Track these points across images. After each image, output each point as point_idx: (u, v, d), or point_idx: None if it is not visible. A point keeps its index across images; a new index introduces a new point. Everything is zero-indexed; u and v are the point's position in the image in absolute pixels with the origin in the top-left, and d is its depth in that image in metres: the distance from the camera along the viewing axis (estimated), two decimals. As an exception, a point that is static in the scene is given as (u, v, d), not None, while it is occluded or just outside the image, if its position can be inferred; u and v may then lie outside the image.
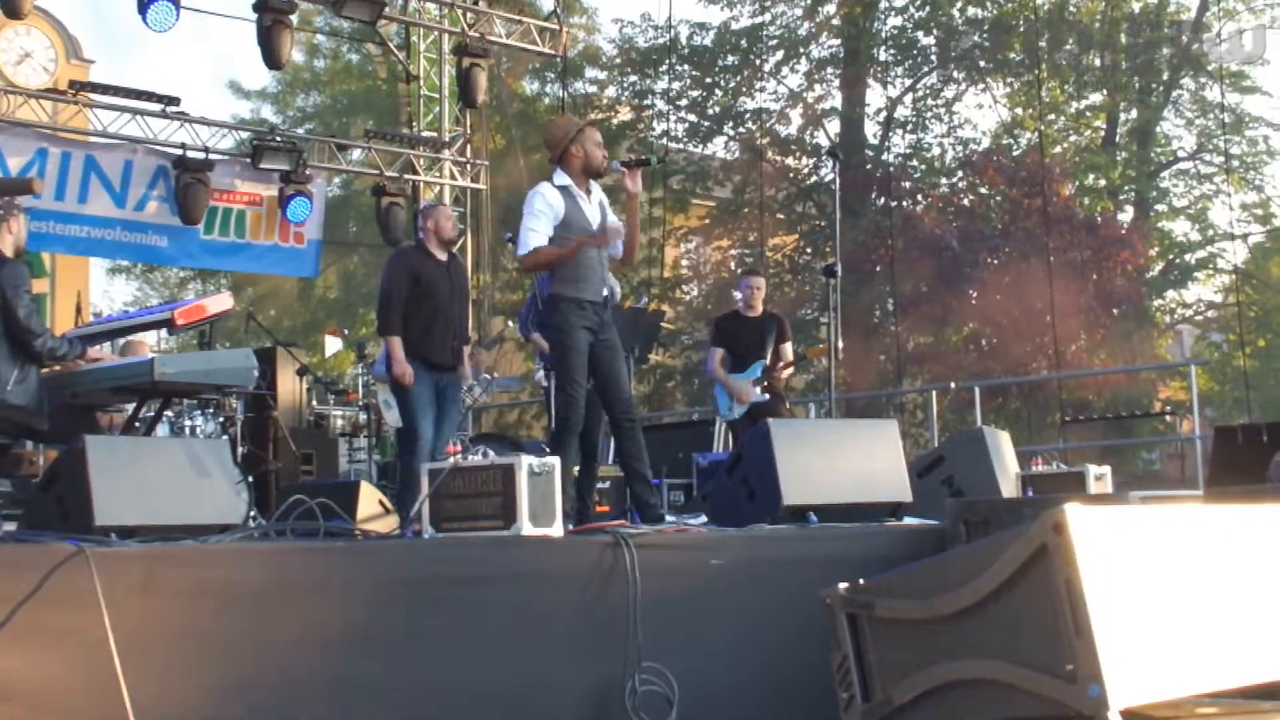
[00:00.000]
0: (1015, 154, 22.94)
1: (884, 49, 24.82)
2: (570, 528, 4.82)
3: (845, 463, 5.53)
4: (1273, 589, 3.63)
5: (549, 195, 6.16)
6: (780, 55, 25.04)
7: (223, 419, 8.57)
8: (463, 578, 4.13)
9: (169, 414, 7.78)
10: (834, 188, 7.77)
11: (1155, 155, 24.10)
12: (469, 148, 14.45)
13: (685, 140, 25.56)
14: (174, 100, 11.72)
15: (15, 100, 11.39)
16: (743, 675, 4.56)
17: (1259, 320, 23.71)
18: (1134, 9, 23.37)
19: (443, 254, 7.52)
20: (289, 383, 10.97)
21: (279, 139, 12.60)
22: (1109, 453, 16.93)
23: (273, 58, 11.70)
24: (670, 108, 24.92)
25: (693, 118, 25.49)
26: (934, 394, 14.01)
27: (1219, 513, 3.86)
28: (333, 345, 15.13)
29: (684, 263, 26.48)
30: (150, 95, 11.70)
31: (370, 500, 6.45)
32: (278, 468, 9.64)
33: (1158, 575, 3.37)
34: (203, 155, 11.69)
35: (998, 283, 20.98)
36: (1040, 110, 22.66)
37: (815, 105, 25.18)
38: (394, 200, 13.24)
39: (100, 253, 13.17)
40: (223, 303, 6.99)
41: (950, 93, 24.69)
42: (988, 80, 24.26)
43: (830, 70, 25.03)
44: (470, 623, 4.08)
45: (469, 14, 13.51)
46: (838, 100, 25.11)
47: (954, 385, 13.67)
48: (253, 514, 4.74)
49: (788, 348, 8.85)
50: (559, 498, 4.52)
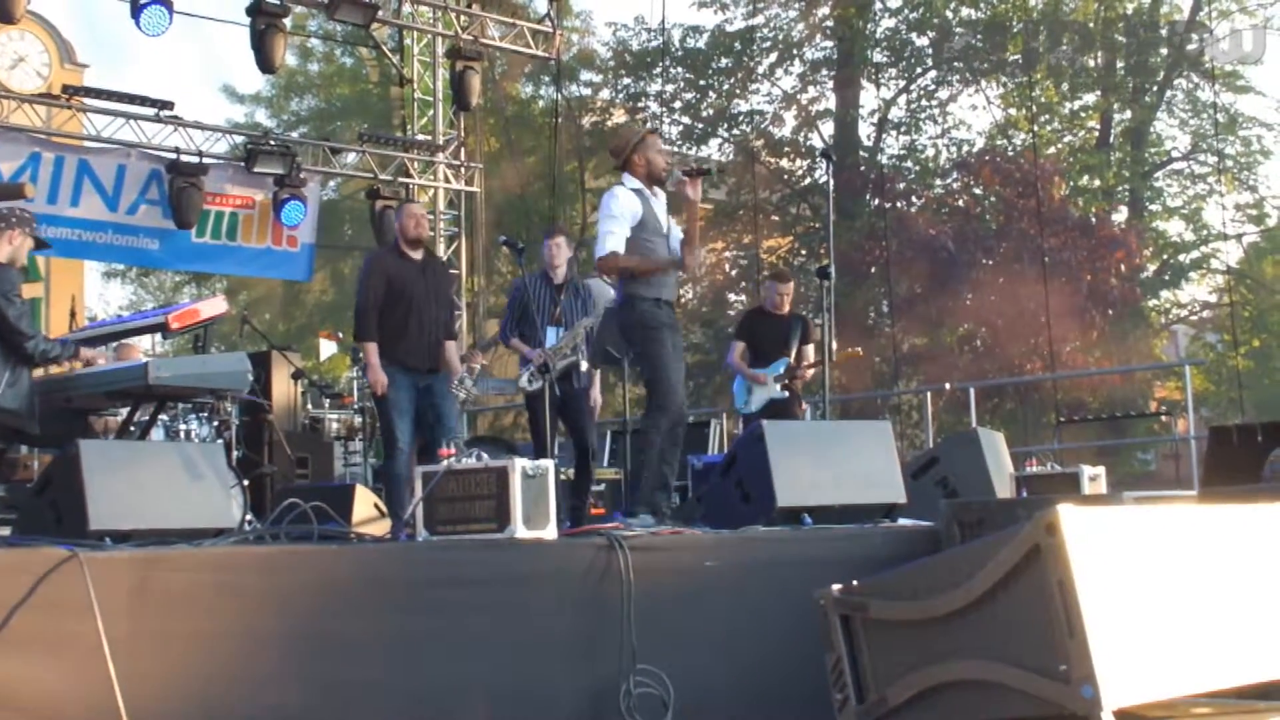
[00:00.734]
0: (1010, 154, 22.96)
1: (878, 50, 24.83)
2: (564, 530, 4.82)
3: (840, 464, 5.53)
4: (1267, 588, 3.63)
5: (624, 197, 6.24)
6: (774, 57, 25.07)
7: (217, 423, 8.55)
8: (457, 580, 4.13)
9: (164, 418, 7.76)
10: (828, 189, 7.78)
11: (1149, 155, 24.12)
12: (463, 151, 14.45)
13: (679, 143, 25.57)
14: (167, 104, 11.72)
15: (9, 105, 11.39)
16: (737, 676, 4.56)
17: (1253, 320, 23.74)
18: (1128, 10, 23.40)
19: (417, 253, 7.50)
20: (284, 386, 10.98)
21: (273, 143, 12.60)
22: (1104, 453, 16.93)
23: (266, 62, 11.71)
24: (664, 110, 24.93)
25: (687, 120, 25.51)
26: (929, 395, 14.02)
27: (1213, 513, 3.86)
28: (327, 349, 15.14)
29: (679, 265, 26.44)
30: (144, 100, 11.69)
31: (365, 503, 6.45)
32: (272, 471, 9.64)
33: (1152, 575, 3.38)
34: (196, 159, 11.69)
35: (992, 284, 21.00)
36: (1034, 111, 22.68)
37: (809, 107, 25.21)
38: (388, 204, 13.23)
39: (92, 255, 13.17)
40: (217, 307, 6.99)
41: (944, 94, 24.72)
42: (981, 81, 24.27)
43: (824, 72, 25.06)
44: (464, 625, 4.08)
45: (462, 17, 13.52)
46: (831, 102, 25.14)
47: (949, 386, 13.66)
48: (247, 518, 4.74)
49: (810, 349, 8.85)
50: (553, 500, 4.52)
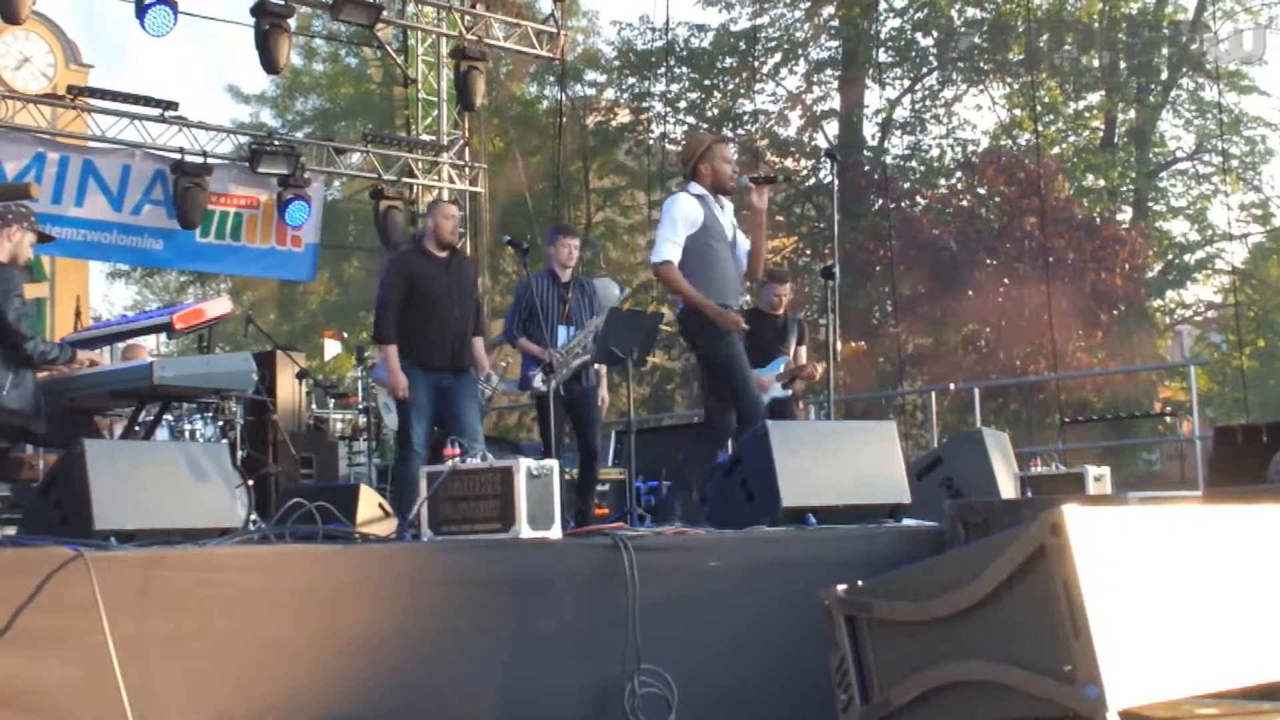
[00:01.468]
0: (1015, 154, 22.96)
1: (882, 50, 24.83)
2: (568, 530, 4.82)
3: (844, 464, 5.52)
4: (1272, 589, 3.63)
5: (686, 204, 6.29)
6: (778, 57, 25.09)
7: (222, 423, 8.55)
8: (461, 581, 4.13)
9: (168, 418, 7.77)
10: (833, 189, 7.77)
11: (1153, 156, 24.11)
12: (467, 151, 14.45)
13: (683, 143, 25.55)
14: (172, 105, 11.73)
15: (14, 105, 11.40)
16: (742, 677, 4.56)
17: (1258, 320, 23.74)
18: (1132, 9, 23.39)
19: (443, 253, 7.46)
20: (288, 386, 10.97)
21: (277, 143, 12.61)
22: (1109, 454, 16.93)
23: (271, 62, 11.71)
24: (669, 110, 24.95)
25: (691, 120, 25.52)
26: (933, 395, 14.02)
27: (1218, 513, 3.86)
28: (332, 349, 15.15)
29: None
30: (148, 100, 11.70)
31: (370, 503, 6.44)
32: (277, 471, 9.63)
33: (1156, 576, 3.37)
34: (201, 159, 11.70)
35: (997, 284, 21.01)
36: (1038, 111, 22.67)
37: (813, 107, 25.21)
38: (392, 204, 13.25)
39: (97, 256, 13.21)
40: (221, 307, 6.98)
41: (949, 94, 24.72)
42: (986, 82, 24.27)
43: (829, 72, 25.06)
44: (468, 625, 4.08)
45: (466, 17, 13.52)
46: (836, 102, 25.14)
47: (953, 386, 13.67)
48: (252, 518, 4.74)
49: (803, 351, 8.84)
50: (557, 500, 4.52)
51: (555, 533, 4.48)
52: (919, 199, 23.77)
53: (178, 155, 11.60)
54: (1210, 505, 4.73)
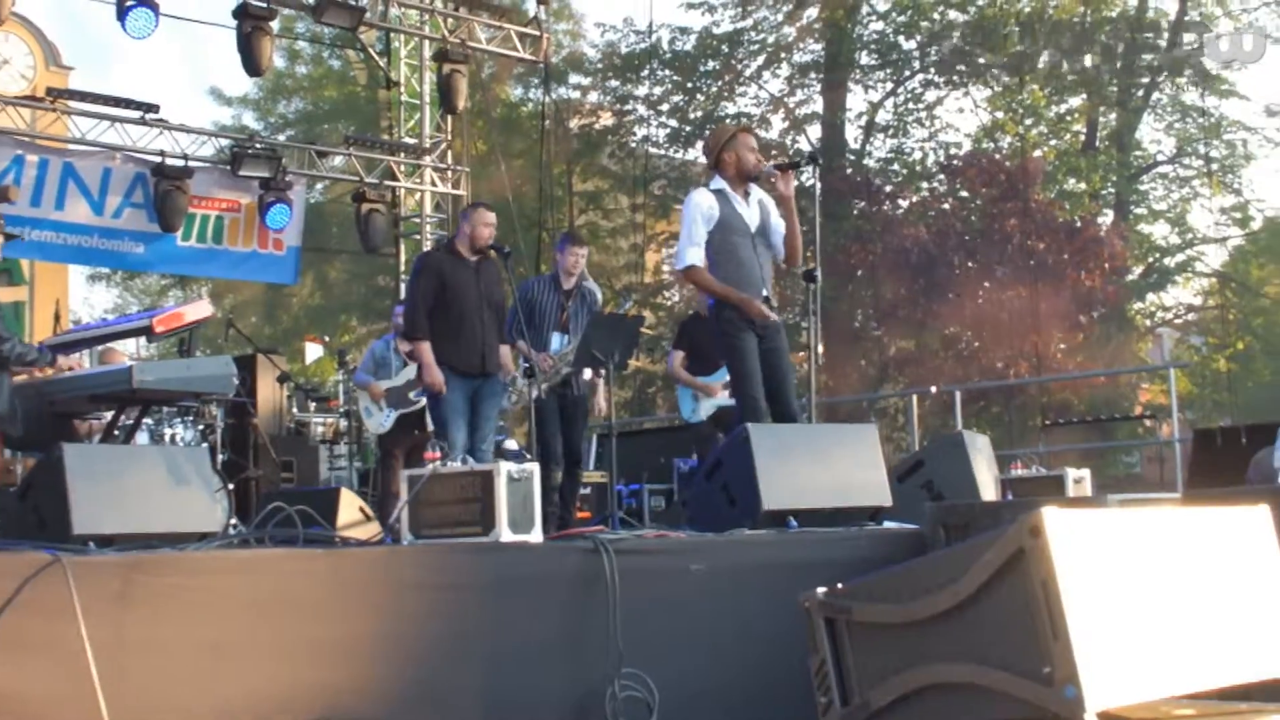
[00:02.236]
0: (997, 157, 23.03)
1: (865, 53, 24.88)
2: (549, 534, 4.83)
3: (825, 467, 5.53)
4: (1250, 590, 3.65)
5: (701, 201, 6.34)
6: (761, 60, 25.10)
7: (202, 426, 8.54)
8: (442, 585, 4.12)
9: (148, 421, 7.75)
10: (814, 192, 7.79)
11: (1134, 159, 24.22)
12: (450, 154, 14.43)
13: (667, 146, 25.58)
14: (153, 107, 11.69)
15: (-7, 107, 11.35)
16: (723, 680, 4.56)
17: (1238, 323, 23.86)
18: (1113, 13, 23.49)
19: (474, 257, 7.48)
20: (269, 390, 10.97)
21: (258, 146, 12.57)
22: (1089, 456, 16.97)
23: (253, 64, 11.67)
24: (652, 113, 24.94)
25: (674, 123, 25.51)
26: (914, 398, 14.05)
27: (1196, 515, 3.87)
28: (313, 352, 15.15)
29: (665, 268, 26.50)
30: (129, 102, 11.66)
31: (351, 507, 6.44)
32: (258, 475, 9.63)
33: (1135, 577, 3.38)
34: (182, 162, 11.66)
35: (978, 287, 21.07)
36: (1020, 114, 22.75)
37: (796, 110, 25.24)
38: (374, 207, 13.22)
39: (77, 260, 13.15)
40: (202, 310, 6.96)
41: (931, 97, 24.78)
42: (968, 85, 24.33)
43: (811, 75, 25.09)
44: (449, 629, 4.07)
45: (449, 20, 13.50)
46: (819, 105, 25.17)
47: (934, 389, 13.70)
48: (232, 522, 4.73)
49: None
50: (538, 504, 4.52)
51: (536, 536, 4.48)
52: (900, 202, 23.82)
53: (158, 158, 11.56)
54: (1189, 507, 4.75)
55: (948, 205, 23.28)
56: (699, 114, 25.48)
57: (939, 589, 3.50)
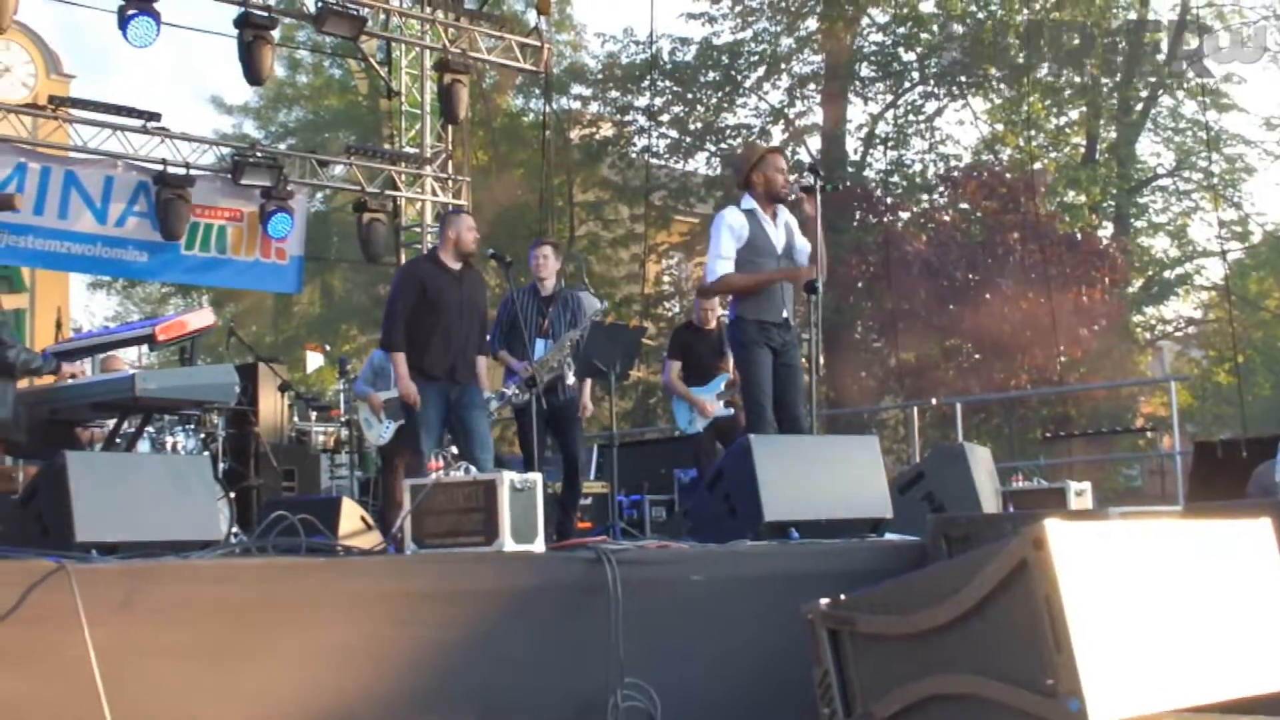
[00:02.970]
0: (997, 169, 23.05)
1: (866, 65, 24.89)
2: (551, 543, 4.83)
3: (826, 479, 5.53)
4: (1251, 603, 3.65)
5: (732, 220, 6.45)
6: (761, 71, 25.11)
7: (204, 435, 8.53)
8: (444, 594, 4.12)
9: (150, 430, 7.75)
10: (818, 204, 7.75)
11: (1134, 172, 24.23)
12: (450, 164, 14.44)
13: (667, 156, 25.60)
14: (154, 116, 11.68)
15: (-5, 115, 11.34)
16: (724, 690, 4.56)
17: (1237, 336, 23.86)
18: (1113, 25, 23.51)
19: (457, 264, 7.43)
20: (271, 399, 10.95)
21: (260, 154, 12.57)
22: (1090, 468, 16.99)
23: (254, 73, 11.67)
24: (652, 124, 24.96)
25: (674, 134, 25.54)
26: (915, 410, 14.04)
27: (1198, 527, 3.88)
28: (314, 361, 15.13)
29: (665, 279, 26.52)
30: (131, 111, 11.65)
31: (352, 516, 6.45)
32: (259, 484, 9.61)
33: (1138, 590, 3.38)
34: (183, 171, 11.65)
35: (979, 299, 21.06)
36: (1020, 126, 22.76)
37: (796, 121, 25.26)
38: (375, 216, 13.21)
39: (80, 268, 13.12)
40: (203, 318, 6.97)
41: (931, 108, 24.80)
42: (968, 96, 24.35)
43: (811, 86, 25.11)
44: (451, 638, 4.07)
45: (451, 30, 13.51)
46: (819, 117, 25.19)
47: (935, 401, 13.69)
48: (234, 530, 4.74)
49: None
50: (540, 514, 4.52)
51: (538, 546, 4.48)
52: (901, 214, 23.83)
53: (160, 166, 11.55)
54: (1191, 520, 4.75)
55: (948, 217, 23.28)
56: (699, 125, 25.50)
57: (941, 601, 3.50)
